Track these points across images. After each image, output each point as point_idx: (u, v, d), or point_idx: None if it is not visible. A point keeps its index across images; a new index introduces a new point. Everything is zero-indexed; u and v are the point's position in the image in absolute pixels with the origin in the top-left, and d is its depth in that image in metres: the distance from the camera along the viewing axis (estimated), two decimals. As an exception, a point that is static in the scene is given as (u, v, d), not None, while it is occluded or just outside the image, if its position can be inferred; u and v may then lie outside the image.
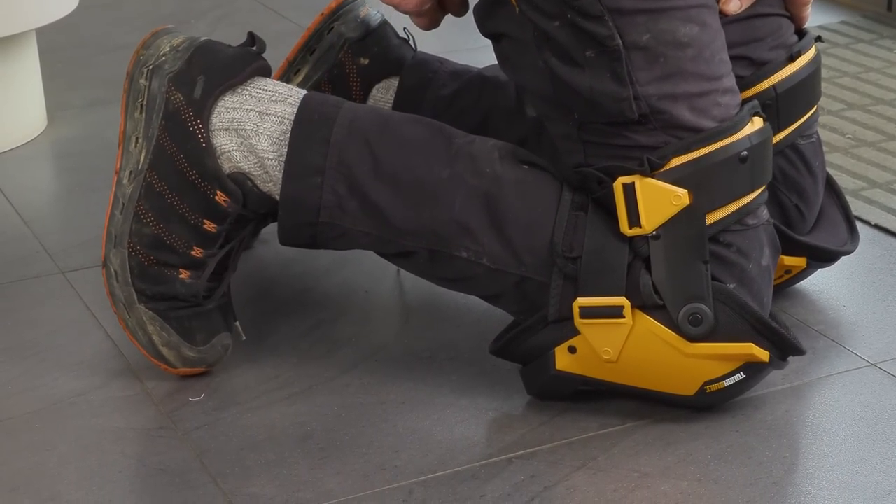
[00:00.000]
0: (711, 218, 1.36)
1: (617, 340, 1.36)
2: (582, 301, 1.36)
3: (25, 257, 1.78)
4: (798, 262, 1.57)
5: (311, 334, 1.59)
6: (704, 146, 1.35)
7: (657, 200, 1.35)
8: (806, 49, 1.54)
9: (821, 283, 1.65)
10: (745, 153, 1.36)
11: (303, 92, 1.46)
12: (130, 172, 1.47)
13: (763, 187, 1.39)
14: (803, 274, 1.61)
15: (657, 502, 1.29)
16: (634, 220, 1.36)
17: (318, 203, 1.42)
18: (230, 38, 1.60)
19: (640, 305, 1.36)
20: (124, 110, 1.49)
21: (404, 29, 1.71)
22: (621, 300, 1.35)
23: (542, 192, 1.40)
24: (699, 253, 1.35)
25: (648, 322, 1.36)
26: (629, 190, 1.35)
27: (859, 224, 1.75)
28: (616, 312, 1.36)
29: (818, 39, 1.58)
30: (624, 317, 1.36)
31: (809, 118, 1.56)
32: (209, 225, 1.45)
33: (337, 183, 1.42)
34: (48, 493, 1.33)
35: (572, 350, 1.39)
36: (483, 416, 1.43)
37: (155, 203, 1.45)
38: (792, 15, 1.55)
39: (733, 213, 1.37)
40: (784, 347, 1.38)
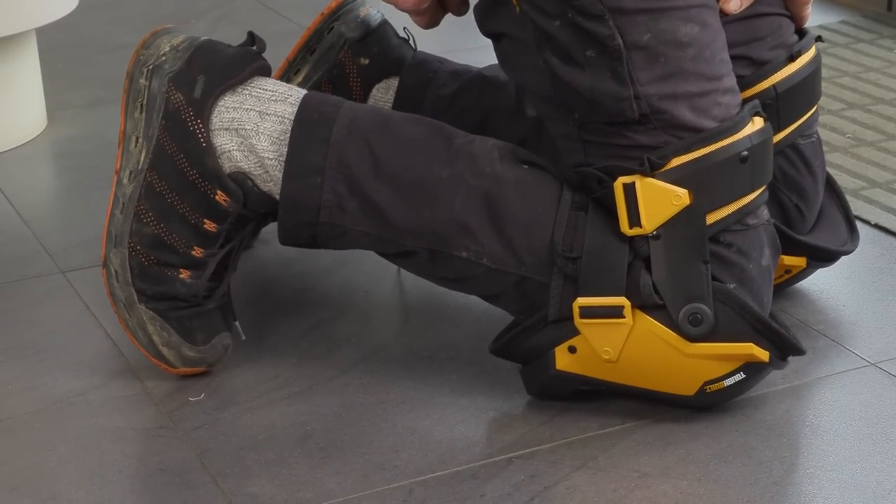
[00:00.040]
0: (712, 218, 1.36)
1: (617, 340, 1.36)
2: (582, 301, 1.36)
3: (25, 257, 1.78)
4: (798, 262, 1.57)
5: (311, 334, 1.59)
6: (705, 146, 1.35)
7: (657, 200, 1.35)
8: (806, 49, 1.54)
9: (821, 283, 1.65)
10: (746, 153, 1.36)
11: (303, 92, 1.46)
12: (130, 172, 1.47)
13: (763, 187, 1.39)
14: (803, 274, 1.61)
15: (657, 502, 1.29)
16: (635, 220, 1.36)
17: (318, 203, 1.42)
18: (230, 38, 1.60)
19: (641, 305, 1.36)
20: (124, 110, 1.49)
21: (404, 29, 1.71)
22: (621, 300, 1.35)
23: (543, 192, 1.40)
24: (699, 253, 1.35)
25: (648, 322, 1.36)
26: (629, 190, 1.35)
27: (859, 224, 1.75)
28: (616, 312, 1.36)
29: (818, 39, 1.58)
30: (624, 317, 1.36)
31: (809, 118, 1.55)
32: (209, 225, 1.45)
33: (337, 183, 1.41)
34: (48, 493, 1.33)
35: (572, 350, 1.39)
36: (483, 416, 1.43)
37: (155, 203, 1.45)
38: (792, 14, 1.55)
39: (734, 213, 1.37)
40: (784, 347, 1.38)
